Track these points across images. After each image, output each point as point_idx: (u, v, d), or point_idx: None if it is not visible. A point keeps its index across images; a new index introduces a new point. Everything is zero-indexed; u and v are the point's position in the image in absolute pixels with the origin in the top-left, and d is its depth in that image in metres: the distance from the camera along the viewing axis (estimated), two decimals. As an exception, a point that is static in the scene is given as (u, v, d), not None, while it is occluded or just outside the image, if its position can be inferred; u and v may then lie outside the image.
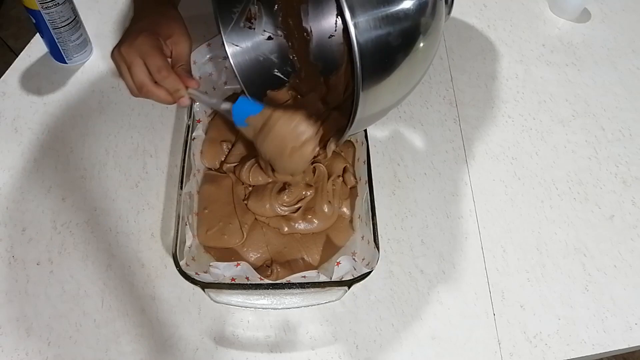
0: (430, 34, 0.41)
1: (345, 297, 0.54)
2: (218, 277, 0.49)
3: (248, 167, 0.59)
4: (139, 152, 0.66)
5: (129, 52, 0.51)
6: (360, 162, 0.59)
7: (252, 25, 0.58)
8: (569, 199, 0.65)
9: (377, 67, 0.39)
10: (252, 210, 0.58)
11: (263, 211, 0.57)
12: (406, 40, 0.40)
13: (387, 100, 0.44)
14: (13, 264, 0.57)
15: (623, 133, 0.72)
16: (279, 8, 0.59)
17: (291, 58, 0.62)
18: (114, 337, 0.53)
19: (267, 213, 0.57)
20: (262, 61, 0.61)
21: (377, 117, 0.48)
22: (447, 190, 0.65)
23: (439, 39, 0.44)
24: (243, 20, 0.58)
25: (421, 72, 0.45)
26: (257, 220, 0.58)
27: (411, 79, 0.44)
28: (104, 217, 0.60)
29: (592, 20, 0.87)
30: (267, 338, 0.53)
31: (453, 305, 0.56)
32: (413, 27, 0.40)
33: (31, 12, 0.66)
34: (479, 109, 0.73)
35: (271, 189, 0.58)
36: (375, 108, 0.43)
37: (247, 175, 0.58)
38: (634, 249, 0.62)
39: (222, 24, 0.57)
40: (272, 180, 0.58)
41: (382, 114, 0.47)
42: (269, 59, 0.61)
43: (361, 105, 0.40)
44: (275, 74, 0.62)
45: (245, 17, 0.58)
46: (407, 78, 0.43)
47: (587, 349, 0.54)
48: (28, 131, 0.67)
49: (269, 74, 0.62)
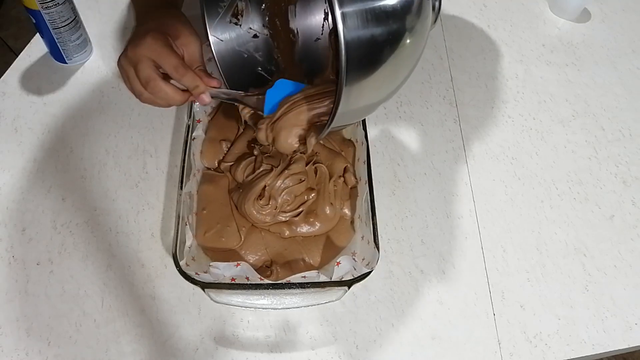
0: (416, 33, 0.42)
1: (345, 297, 0.54)
2: (218, 277, 0.49)
3: (243, 166, 0.58)
4: (139, 152, 0.66)
5: (137, 53, 0.49)
6: (360, 162, 0.59)
7: (238, 22, 0.58)
8: (569, 199, 0.65)
9: (361, 62, 0.39)
10: (246, 218, 0.57)
11: (255, 219, 0.56)
12: (392, 36, 0.40)
13: (370, 97, 0.44)
14: (13, 264, 0.57)
15: (623, 133, 0.72)
16: (267, 7, 0.59)
17: (276, 58, 0.61)
18: (114, 337, 0.53)
19: (258, 220, 0.56)
20: (246, 58, 0.60)
21: (360, 114, 0.48)
22: (447, 190, 0.65)
23: (425, 40, 0.45)
24: (229, 15, 0.57)
25: (405, 72, 0.45)
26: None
27: (395, 77, 0.44)
28: (104, 217, 0.60)
29: (592, 20, 0.87)
30: (267, 338, 0.53)
31: (453, 305, 0.56)
32: (399, 25, 0.40)
33: (31, 12, 0.66)
34: (479, 109, 0.73)
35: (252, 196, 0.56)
36: (357, 103, 0.43)
37: (242, 175, 0.58)
38: (634, 249, 0.62)
39: (207, 17, 0.56)
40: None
41: (365, 111, 0.47)
42: (253, 56, 0.60)
43: (344, 100, 0.40)
44: (259, 72, 0.61)
45: (232, 12, 0.57)
46: (392, 76, 0.44)
47: (587, 349, 0.54)
48: (28, 131, 0.67)
49: (253, 72, 0.61)
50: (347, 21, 0.37)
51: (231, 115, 0.65)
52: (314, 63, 0.60)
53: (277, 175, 0.56)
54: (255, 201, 0.56)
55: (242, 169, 0.58)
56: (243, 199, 0.56)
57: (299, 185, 0.57)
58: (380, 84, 0.43)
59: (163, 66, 0.49)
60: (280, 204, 0.56)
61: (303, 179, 0.57)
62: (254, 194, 0.56)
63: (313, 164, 0.59)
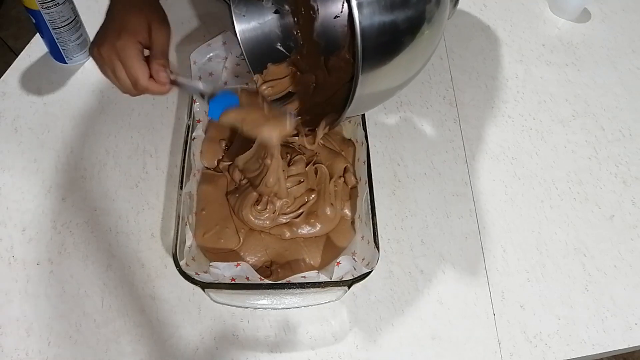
0: (434, 22, 0.42)
1: (345, 297, 0.54)
2: (218, 277, 0.49)
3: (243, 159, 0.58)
4: (139, 152, 0.66)
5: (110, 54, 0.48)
6: (360, 162, 0.59)
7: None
8: (569, 199, 0.65)
9: (379, 48, 0.40)
10: (245, 223, 0.57)
11: (254, 226, 0.56)
12: (410, 24, 0.40)
13: (386, 83, 0.45)
14: (13, 264, 0.57)
15: (623, 133, 0.72)
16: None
17: (295, 34, 0.62)
18: (114, 337, 0.53)
19: (257, 226, 0.56)
20: (267, 33, 0.62)
21: (374, 101, 0.48)
22: (447, 190, 0.65)
23: (442, 29, 0.45)
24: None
25: (422, 60, 0.46)
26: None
27: (412, 65, 0.45)
28: (104, 217, 0.60)
29: (592, 20, 0.87)
30: (267, 338, 0.53)
31: (453, 305, 0.56)
32: (418, 12, 0.41)
33: (31, 12, 0.66)
34: (479, 109, 0.73)
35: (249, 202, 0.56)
36: (374, 88, 0.44)
37: (239, 175, 0.58)
38: (634, 249, 0.62)
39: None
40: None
41: (379, 98, 0.48)
42: (273, 31, 0.62)
43: (360, 85, 0.41)
44: (277, 47, 0.62)
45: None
46: (408, 64, 0.44)
47: (587, 349, 0.54)
48: (28, 131, 0.67)
49: (272, 47, 0.62)
50: (363, 10, 0.37)
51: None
52: (331, 41, 0.61)
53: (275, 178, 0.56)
54: (252, 207, 0.56)
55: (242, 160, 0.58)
56: (240, 205, 0.56)
57: (298, 186, 0.57)
58: (397, 71, 0.44)
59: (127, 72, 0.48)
60: (279, 207, 0.56)
61: (302, 180, 0.57)
62: (251, 199, 0.56)
63: (313, 164, 0.59)
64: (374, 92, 0.45)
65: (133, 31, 0.49)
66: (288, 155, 0.58)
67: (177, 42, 0.76)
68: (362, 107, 0.48)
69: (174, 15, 0.79)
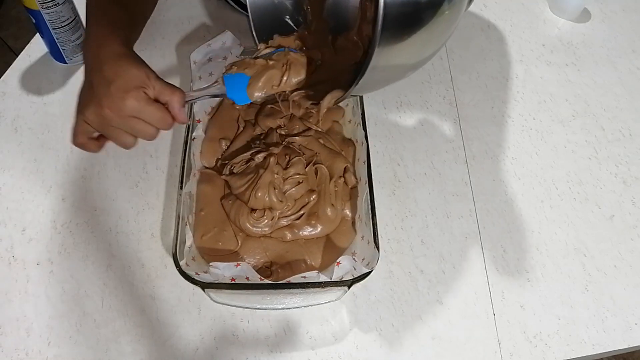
0: (454, 5, 0.43)
1: (345, 297, 0.54)
2: (218, 277, 0.49)
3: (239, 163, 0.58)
4: (139, 152, 0.66)
5: (120, 113, 0.46)
6: (360, 162, 0.59)
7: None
8: (569, 199, 0.65)
9: (399, 20, 0.40)
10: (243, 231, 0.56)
11: (253, 234, 0.55)
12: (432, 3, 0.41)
13: (400, 59, 0.45)
14: (13, 264, 0.57)
15: (623, 133, 0.72)
16: None
17: (305, 9, 0.63)
18: (114, 337, 0.53)
19: (256, 234, 0.55)
20: (277, 5, 0.62)
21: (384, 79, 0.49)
22: (447, 190, 0.65)
23: (459, 18, 0.46)
24: None
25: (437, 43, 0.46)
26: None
27: (427, 46, 0.45)
28: (104, 217, 0.60)
29: (592, 20, 0.87)
30: (267, 338, 0.53)
31: (453, 305, 0.56)
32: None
33: (31, 12, 0.66)
34: (479, 109, 0.73)
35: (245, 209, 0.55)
36: (387, 61, 0.44)
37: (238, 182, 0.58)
38: (634, 249, 0.62)
39: None
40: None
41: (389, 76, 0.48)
42: (283, 3, 0.62)
43: (375, 56, 0.41)
44: (286, 20, 0.63)
45: None
46: (424, 43, 0.44)
47: (587, 349, 0.54)
48: (28, 131, 0.67)
49: (281, 20, 0.63)
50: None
51: (231, 114, 0.65)
52: (341, 21, 0.61)
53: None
54: (249, 215, 0.55)
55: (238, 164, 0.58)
56: (237, 214, 0.55)
57: (298, 187, 0.56)
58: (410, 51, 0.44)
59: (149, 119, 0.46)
60: (279, 213, 0.55)
61: (301, 180, 0.57)
62: (246, 207, 0.55)
63: (313, 165, 0.59)
64: (387, 67, 0.44)
65: (129, 81, 0.46)
66: (287, 157, 0.58)
67: (177, 42, 0.76)
68: (371, 83, 0.47)
69: (174, 15, 0.79)
